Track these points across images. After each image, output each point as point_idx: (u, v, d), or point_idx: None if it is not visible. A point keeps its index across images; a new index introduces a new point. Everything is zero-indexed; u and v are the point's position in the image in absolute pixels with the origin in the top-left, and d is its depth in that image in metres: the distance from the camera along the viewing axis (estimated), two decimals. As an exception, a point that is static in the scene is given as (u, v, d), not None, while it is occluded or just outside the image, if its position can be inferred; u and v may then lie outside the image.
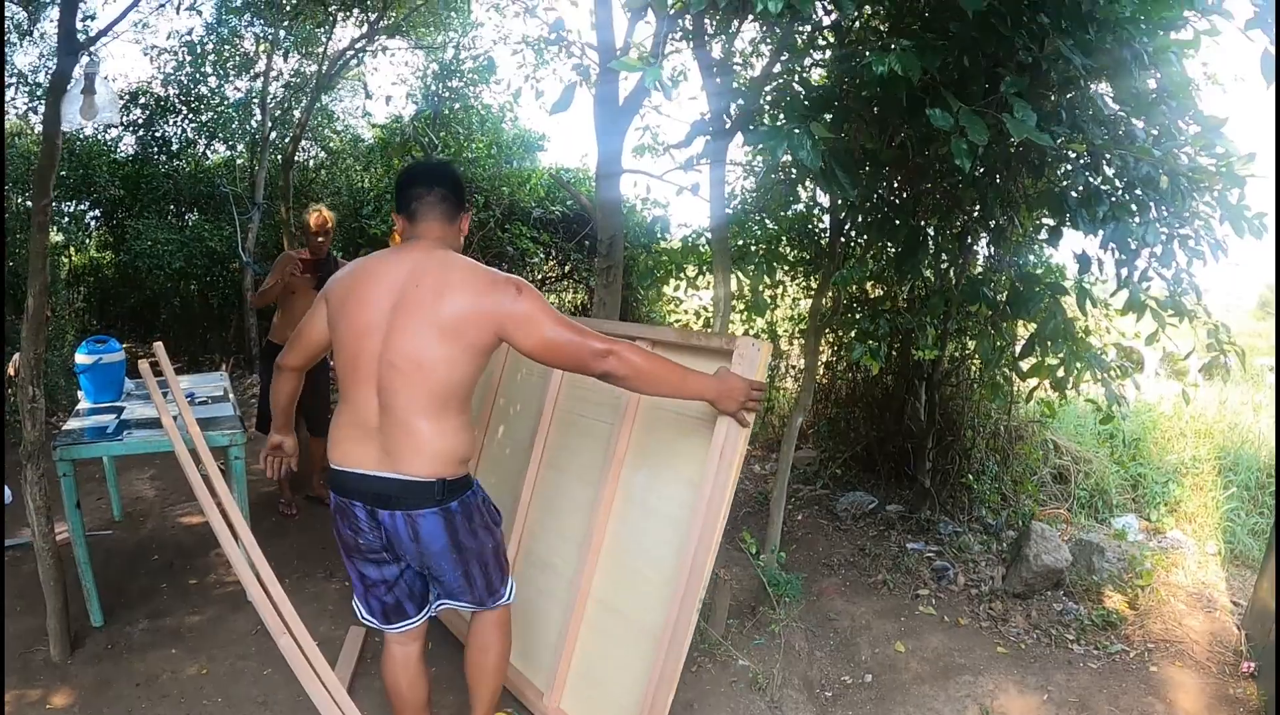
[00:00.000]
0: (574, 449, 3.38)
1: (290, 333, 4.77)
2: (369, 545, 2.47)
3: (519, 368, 3.85)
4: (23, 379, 3.35)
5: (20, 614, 3.97)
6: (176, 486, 5.90)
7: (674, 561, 2.79)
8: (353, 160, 10.74)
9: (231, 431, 3.87)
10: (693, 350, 2.91)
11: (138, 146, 10.17)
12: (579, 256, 8.68)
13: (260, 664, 3.58)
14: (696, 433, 2.83)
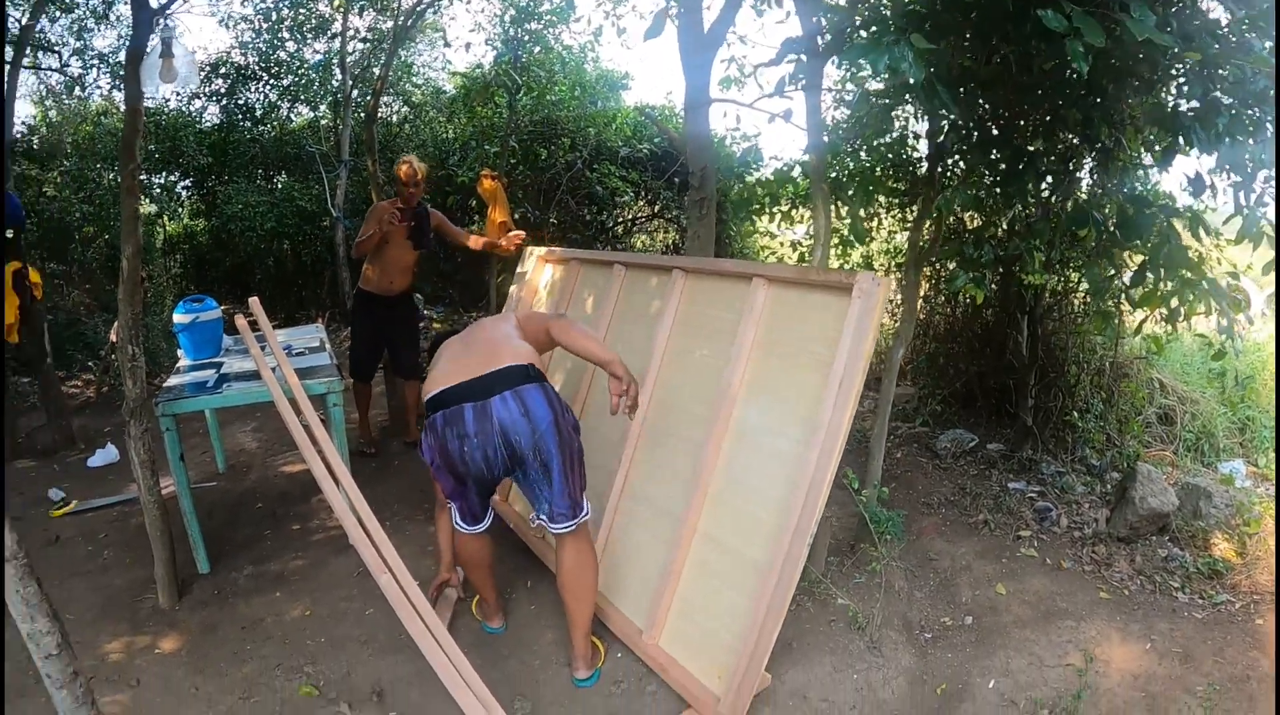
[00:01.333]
0: (683, 386, 3.36)
1: (382, 280, 4.96)
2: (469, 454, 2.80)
3: (629, 310, 3.84)
4: (122, 339, 3.43)
5: (129, 566, 4.12)
6: (277, 437, 6.05)
7: (785, 498, 2.75)
8: (435, 112, 10.73)
9: (329, 380, 3.92)
10: (811, 286, 2.86)
11: (222, 115, 10.35)
12: (669, 194, 8.56)
13: (362, 604, 3.65)
14: (812, 368, 2.79)
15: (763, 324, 3.06)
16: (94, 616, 3.68)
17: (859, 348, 2.64)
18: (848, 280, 2.69)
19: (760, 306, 3.06)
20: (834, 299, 2.77)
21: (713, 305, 3.34)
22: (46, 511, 4.85)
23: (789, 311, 2.98)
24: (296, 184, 9.73)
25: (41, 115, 10.61)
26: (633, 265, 3.96)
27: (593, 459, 3.66)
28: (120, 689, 3.16)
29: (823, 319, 2.82)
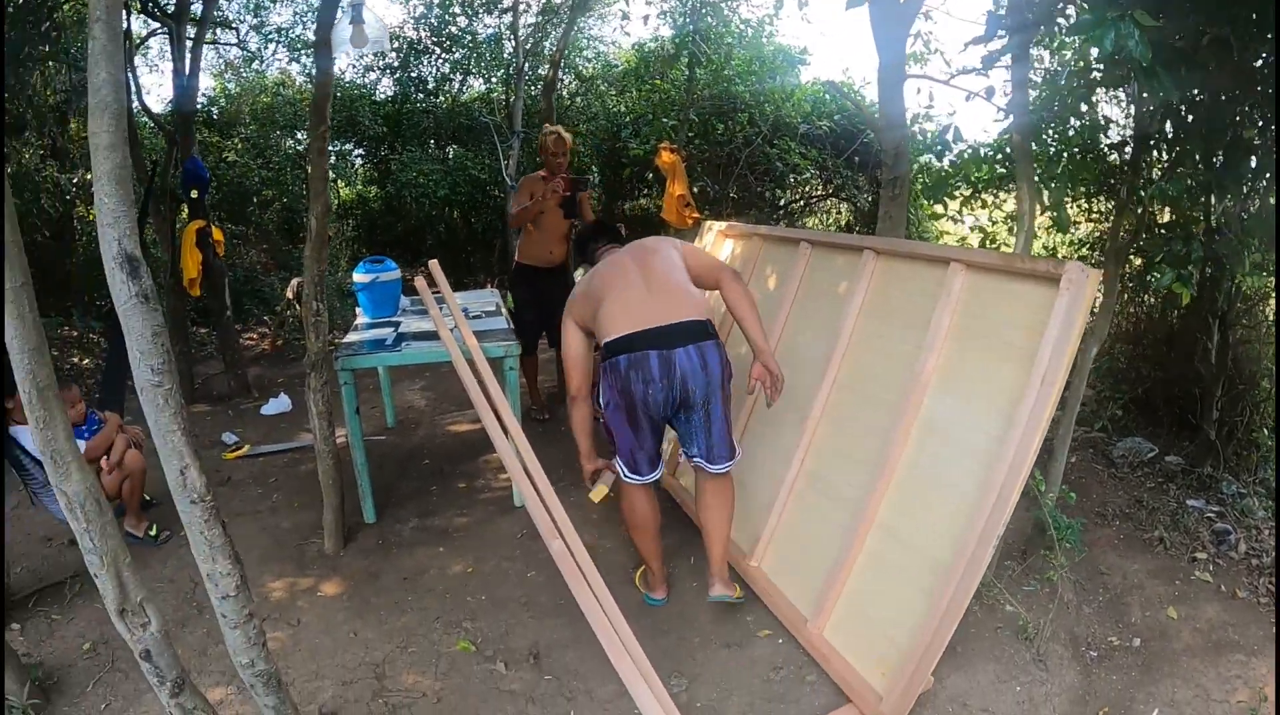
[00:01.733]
0: (871, 370, 3.24)
1: (540, 251, 5.04)
2: (653, 396, 3.00)
3: (813, 289, 3.74)
4: (307, 295, 3.53)
5: (298, 510, 4.27)
6: (446, 396, 6.21)
7: (974, 496, 2.61)
8: (606, 85, 10.80)
9: (506, 343, 3.96)
10: (1016, 274, 2.71)
11: (395, 87, 10.68)
12: (848, 173, 8.36)
13: (525, 566, 3.68)
14: (1011, 360, 2.64)
15: (958, 311, 2.91)
16: (260, 556, 3.82)
17: (1064, 343, 2.47)
18: (1055, 270, 2.52)
19: (957, 293, 2.91)
20: (1038, 289, 2.60)
21: (905, 289, 3.20)
22: (220, 454, 5.09)
23: (987, 299, 2.82)
24: (469, 154, 9.94)
25: (221, 88, 11.15)
26: (819, 243, 3.85)
27: (770, 439, 3.63)
28: (281, 626, 3.28)
29: (1024, 309, 2.66)
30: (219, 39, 9.71)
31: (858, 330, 3.35)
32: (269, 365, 7.45)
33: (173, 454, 1.86)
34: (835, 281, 3.57)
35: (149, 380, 1.80)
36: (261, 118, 10.20)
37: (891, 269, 3.29)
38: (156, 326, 1.78)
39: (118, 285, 1.74)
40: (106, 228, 1.70)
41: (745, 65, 8.00)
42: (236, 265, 8.76)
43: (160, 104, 9.22)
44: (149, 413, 1.83)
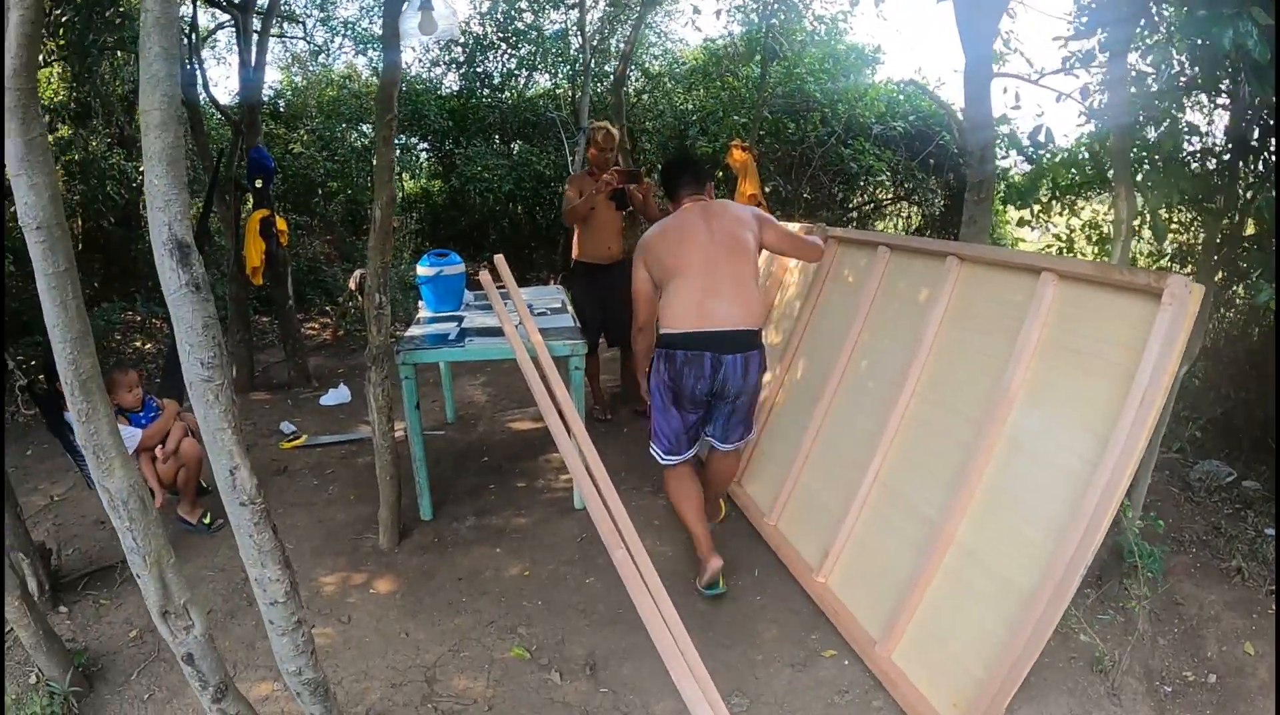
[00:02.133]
0: (953, 382, 3.10)
1: (598, 247, 4.96)
2: (699, 387, 3.34)
3: (891, 295, 3.59)
4: (369, 287, 3.47)
5: (353, 503, 4.22)
6: (506, 393, 6.15)
7: (1063, 520, 2.47)
8: (673, 83, 10.72)
9: (573, 342, 3.87)
10: (1113, 287, 2.56)
11: (461, 82, 10.73)
12: (921, 176, 8.19)
13: (583, 572, 3.58)
14: (1105, 377, 2.50)
15: (1049, 323, 2.76)
16: (313, 548, 3.78)
17: (1165, 362, 2.32)
18: (1157, 283, 2.37)
19: (1048, 304, 2.76)
20: (1137, 303, 2.45)
21: (991, 298, 3.06)
22: (277, 443, 5.07)
23: (1081, 312, 2.68)
24: (534, 149, 9.94)
25: (288, 80, 11.27)
26: (898, 248, 3.70)
27: (844, 447, 3.52)
28: (331, 622, 3.22)
29: (1121, 324, 2.51)
30: (285, 32, 9.81)
31: (939, 339, 3.20)
32: (329, 355, 7.46)
33: (222, 453, 1.79)
34: (915, 288, 3.43)
35: (199, 375, 1.73)
36: (327, 110, 10.27)
37: (976, 276, 3.15)
38: (208, 317, 1.71)
39: (167, 273, 1.67)
40: (157, 211, 1.63)
41: (818, 63, 7.86)
42: (300, 255, 8.83)
43: (227, 96, 9.36)
44: (198, 408, 1.77)
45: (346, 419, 5.59)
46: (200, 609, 2.01)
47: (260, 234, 5.61)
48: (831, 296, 4.05)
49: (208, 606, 3.30)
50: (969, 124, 3.56)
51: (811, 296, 4.16)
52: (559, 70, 10.51)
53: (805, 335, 4.12)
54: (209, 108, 7.20)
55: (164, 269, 1.66)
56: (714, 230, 3.40)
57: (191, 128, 5.97)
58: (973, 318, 3.08)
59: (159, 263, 1.67)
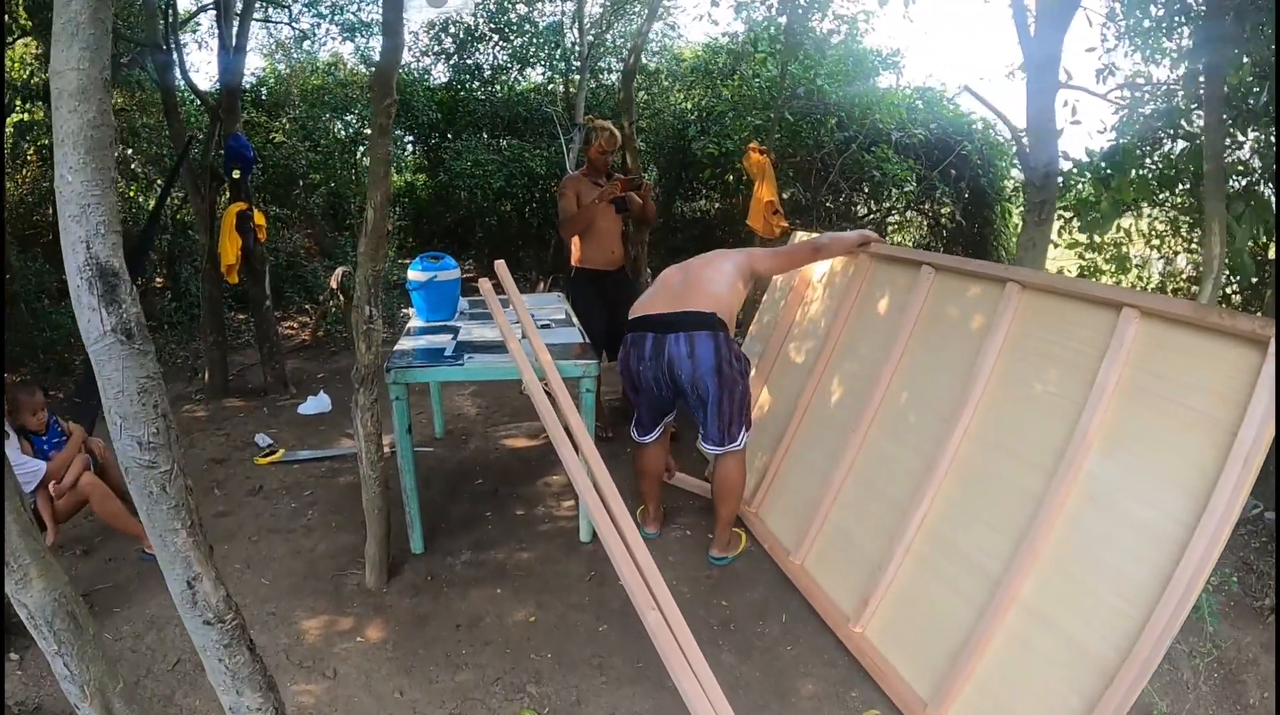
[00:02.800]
0: (1016, 423, 2.79)
1: (602, 253, 4.68)
2: (643, 374, 3.43)
3: (937, 321, 3.29)
4: (359, 298, 3.09)
5: (335, 531, 3.86)
6: (499, 405, 5.81)
7: (1150, 584, 2.19)
8: (671, 81, 10.46)
9: (586, 362, 3.51)
10: (1202, 329, 2.29)
11: (451, 73, 10.42)
12: (943, 186, 7.84)
13: (594, 618, 3.22)
14: (1195, 428, 2.22)
15: (1130, 365, 2.48)
16: (292, 585, 3.42)
17: (1269, 417, 2.06)
18: (1263, 331, 2.10)
19: (1129, 344, 2.48)
20: (1236, 350, 2.19)
21: (1059, 332, 2.76)
22: (252, 457, 4.72)
23: (1169, 356, 2.40)
24: (526, 145, 9.64)
25: (270, 68, 10.90)
26: (945, 269, 3.39)
27: (880, 486, 3.23)
28: (314, 677, 2.85)
29: (1216, 372, 2.24)
30: (270, 17, 9.46)
31: (996, 374, 2.91)
32: (308, 358, 7.12)
33: (176, 560, 1.39)
34: (967, 315, 3.12)
35: (136, 458, 1.31)
36: (311, 99, 9.91)
37: (1041, 307, 2.86)
38: (145, 378, 1.29)
39: (85, 313, 1.24)
40: (70, 222, 1.20)
41: (837, 65, 7.56)
42: (279, 250, 8.54)
43: (207, 83, 9.00)
44: (140, 501, 1.35)
45: (327, 431, 5.23)
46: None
47: (237, 229, 5.25)
48: (866, 316, 3.73)
49: (175, 657, 2.92)
50: (1032, 140, 3.23)
51: (842, 314, 3.84)
52: (553, 64, 10.19)
53: (834, 356, 3.81)
54: (186, 93, 6.82)
55: (80, 307, 1.25)
56: (697, 263, 3.64)
57: (167, 113, 5.64)
58: (1037, 353, 2.79)
59: (75, 298, 1.25)
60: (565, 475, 4.42)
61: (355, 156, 10.04)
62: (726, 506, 3.62)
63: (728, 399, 3.37)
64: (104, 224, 1.21)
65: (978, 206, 8.12)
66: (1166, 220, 5.41)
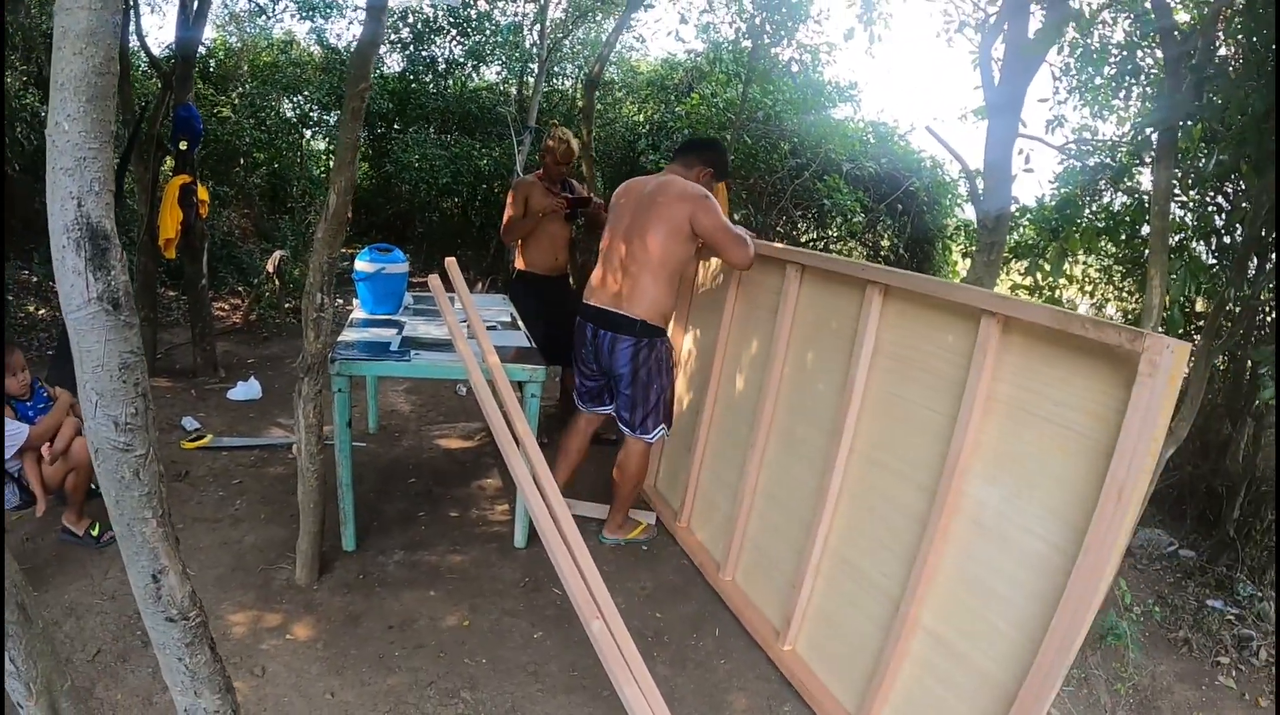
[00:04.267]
0: (897, 442, 2.71)
1: (546, 258, 4.93)
2: (582, 355, 3.76)
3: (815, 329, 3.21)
4: (310, 284, 3.02)
5: (264, 522, 3.78)
6: (433, 404, 5.74)
7: (1035, 612, 2.13)
8: (625, 93, 10.47)
9: (531, 367, 3.49)
10: (1074, 344, 2.12)
11: (405, 64, 10.28)
12: (888, 219, 7.97)
13: (530, 623, 3.20)
14: (1079, 453, 2.08)
15: (1001, 379, 2.32)
16: (219, 577, 3.32)
17: (1145, 442, 1.87)
18: (1132, 344, 1.88)
19: (993, 355, 2.32)
20: (1102, 364, 2.05)
21: (928, 342, 2.62)
22: (178, 441, 4.58)
23: (1037, 368, 2.24)
24: (476, 144, 9.56)
25: (221, 41, 10.62)
26: (812, 268, 3.27)
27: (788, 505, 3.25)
28: (241, 675, 2.76)
29: (1088, 389, 2.09)
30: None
31: (873, 387, 2.81)
32: (239, 341, 6.96)
33: (142, 551, 1.33)
34: (841, 321, 3.04)
35: (110, 440, 1.24)
36: (262, 75, 9.70)
37: (908, 314, 2.72)
38: (128, 353, 1.21)
39: (69, 277, 1.15)
40: (62, 175, 1.11)
41: (796, 93, 7.66)
42: (216, 228, 8.30)
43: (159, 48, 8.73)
44: (108, 486, 1.28)
45: (256, 418, 5.12)
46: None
47: (179, 202, 5.12)
48: (747, 318, 3.72)
49: (95, 648, 2.82)
50: (988, 182, 3.31)
51: (726, 314, 3.84)
52: (510, 64, 10.15)
53: (726, 362, 3.83)
54: (138, 56, 6.63)
55: (63, 270, 1.16)
56: (646, 205, 3.55)
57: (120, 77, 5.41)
58: (910, 364, 2.67)
59: (57, 260, 1.17)
60: (499, 478, 4.43)
61: (301, 138, 9.85)
62: (623, 488, 3.84)
63: (641, 396, 3.64)
64: (99, 181, 1.14)
65: (919, 241, 8.25)
66: (1100, 268, 5.63)
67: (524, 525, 3.72)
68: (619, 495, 3.87)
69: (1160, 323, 3.03)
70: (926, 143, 8.12)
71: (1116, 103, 5.15)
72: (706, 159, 3.73)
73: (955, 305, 2.48)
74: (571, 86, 10.53)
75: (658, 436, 3.75)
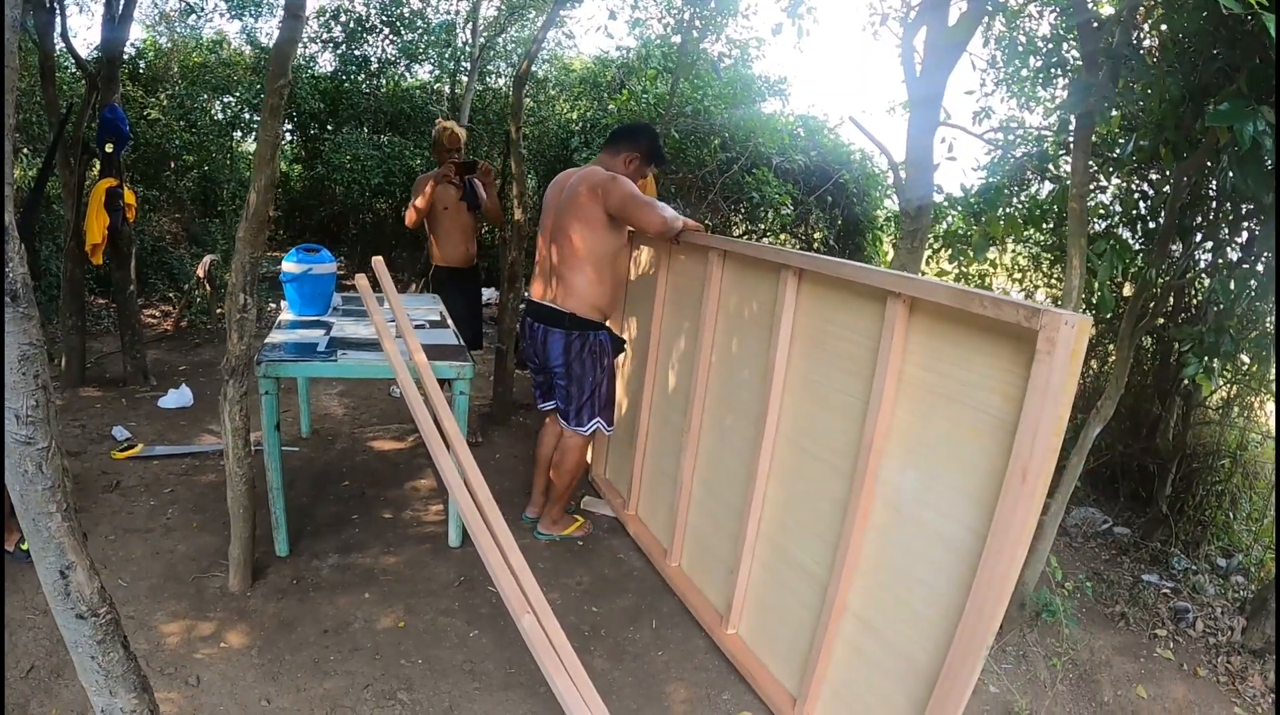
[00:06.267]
0: (818, 427, 2.70)
1: (455, 249, 5.20)
2: (527, 349, 3.80)
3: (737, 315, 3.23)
4: (233, 284, 2.97)
5: (196, 531, 3.71)
6: (366, 406, 5.68)
7: (954, 595, 2.13)
8: (558, 90, 10.46)
9: (460, 364, 3.47)
10: (978, 323, 2.08)
11: (337, 63, 10.17)
12: (819, 211, 8.04)
13: (465, 624, 3.19)
14: (989, 434, 2.05)
15: (911, 361, 2.30)
16: (151, 587, 3.26)
17: (1049, 420, 1.84)
18: (1029, 321, 1.84)
19: (900, 337, 2.30)
20: (1005, 343, 2.00)
21: (841, 325, 2.61)
22: (109, 451, 4.49)
23: (944, 349, 2.20)
24: (408, 143, 9.50)
25: (151, 40, 10.40)
26: (733, 254, 3.27)
27: (722, 493, 3.29)
28: (175, 685, 2.72)
29: (993, 367, 2.05)
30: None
31: (792, 372, 2.83)
32: (170, 348, 6.83)
33: (49, 548, 1.30)
34: (761, 306, 3.05)
35: (14, 434, 1.22)
36: (191, 76, 9.52)
37: (821, 294, 2.72)
38: (28, 346, 1.19)
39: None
40: None
41: (726, 88, 7.72)
42: (145, 233, 8.15)
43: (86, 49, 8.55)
44: (13, 481, 1.26)
45: (188, 426, 5.03)
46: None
47: (105, 207, 5.00)
48: (677, 307, 3.75)
49: (29, 664, 2.75)
50: (910, 172, 3.35)
51: (658, 303, 3.88)
52: (442, 63, 10.08)
53: (660, 351, 3.86)
54: (64, 57, 6.47)
55: None
56: (565, 200, 3.59)
57: (42, 77, 5.31)
58: (825, 348, 2.68)
59: None
60: (433, 478, 4.40)
61: (232, 140, 9.70)
62: (558, 483, 3.86)
63: (575, 388, 3.67)
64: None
65: (850, 233, 8.32)
66: (1029, 256, 5.74)
67: (457, 524, 3.71)
68: (555, 489, 3.88)
69: (1081, 305, 3.09)
70: (856, 135, 8.22)
71: (1043, 93, 5.25)
72: (632, 145, 3.68)
73: (864, 287, 2.46)
74: (505, 85, 10.48)
75: (592, 429, 3.74)
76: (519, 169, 5.49)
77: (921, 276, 2.81)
